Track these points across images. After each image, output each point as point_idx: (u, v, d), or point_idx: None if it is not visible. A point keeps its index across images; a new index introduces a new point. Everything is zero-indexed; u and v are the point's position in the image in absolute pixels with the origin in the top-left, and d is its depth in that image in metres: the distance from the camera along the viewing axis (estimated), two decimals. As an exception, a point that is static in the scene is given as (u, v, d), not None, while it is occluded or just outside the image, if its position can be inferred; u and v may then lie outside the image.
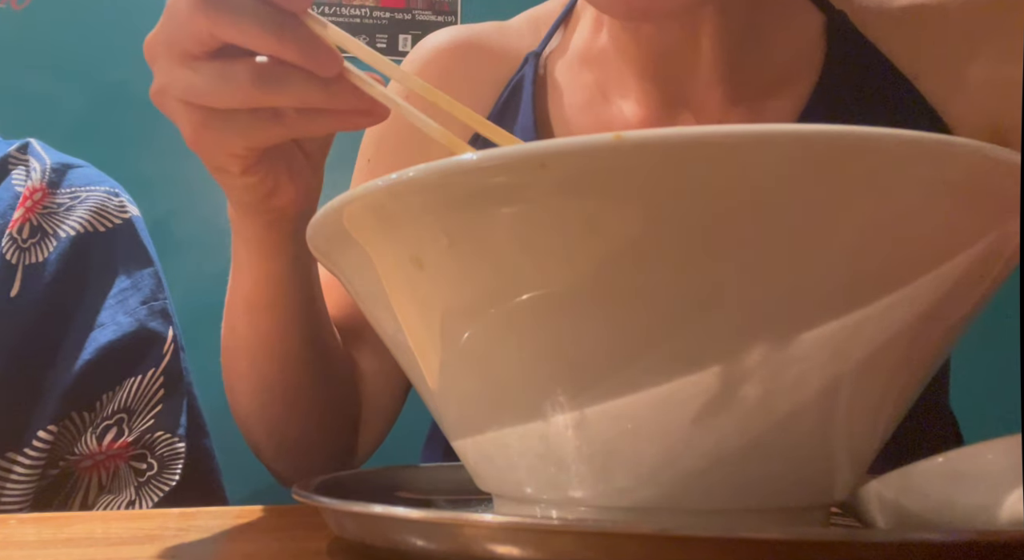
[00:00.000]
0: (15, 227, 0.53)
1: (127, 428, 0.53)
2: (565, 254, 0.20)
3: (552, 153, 0.19)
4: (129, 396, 0.53)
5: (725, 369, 0.20)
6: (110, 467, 0.53)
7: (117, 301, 0.55)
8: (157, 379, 0.54)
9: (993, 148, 0.19)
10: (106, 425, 0.52)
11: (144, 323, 0.55)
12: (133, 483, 0.52)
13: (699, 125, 0.37)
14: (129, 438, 0.52)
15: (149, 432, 0.53)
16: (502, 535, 0.21)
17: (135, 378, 0.53)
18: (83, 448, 0.52)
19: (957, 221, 0.20)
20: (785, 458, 0.22)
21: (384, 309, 0.25)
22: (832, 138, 0.18)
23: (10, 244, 0.52)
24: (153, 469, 0.53)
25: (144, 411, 0.54)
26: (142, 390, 0.54)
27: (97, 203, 0.57)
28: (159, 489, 0.52)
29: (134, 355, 0.54)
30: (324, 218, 0.24)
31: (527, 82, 0.55)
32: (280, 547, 0.29)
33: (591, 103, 0.53)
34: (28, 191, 0.55)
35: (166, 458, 0.53)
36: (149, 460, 0.53)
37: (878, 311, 0.20)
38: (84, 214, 0.56)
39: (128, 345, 0.54)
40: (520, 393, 0.23)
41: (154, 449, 0.53)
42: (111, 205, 0.57)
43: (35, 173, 0.56)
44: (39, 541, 0.30)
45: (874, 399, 0.23)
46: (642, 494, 0.22)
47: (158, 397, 0.54)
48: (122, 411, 0.53)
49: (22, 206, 0.54)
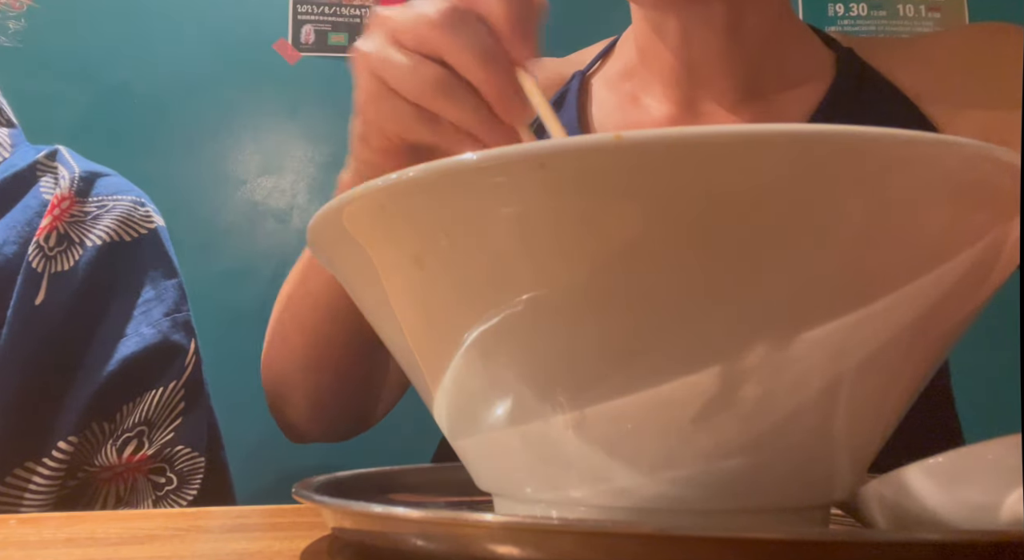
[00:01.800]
0: (42, 235, 0.53)
1: (147, 441, 0.53)
2: (565, 254, 0.20)
3: (552, 153, 0.19)
4: (150, 408, 0.53)
5: (725, 369, 0.20)
6: (128, 480, 0.53)
7: (141, 312, 0.55)
8: (178, 392, 0.54)
9: (993, 148, 0.19)
10: (127, 437, 0.52)
11: (167, 335, 0.55)
12: (151, 497, 0.53)
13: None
14: (149, 451, 0.53)
15: (169, 446, 0.54)
16: (502, 535, 0.20)
17: (156, 390, 0.54)
18: (103, 460, 0.52)
19: (957, 221, 0.20)
20: (785, 458, 0.22)
21: (384, 309, 0.25)
22: (831, 138, 0.18)
23: (36, 252, 0.52)
24: (172, 483, 0.53)
25: (165, 424, 0.54)
26: (163, 402, 0.54)
27: (124, 213, 0.57)
28: (177, 503, 0.53)
29: (156, 367, 0.54)
30: (324, 218, 0.24)
31: (572, 92, 0.64)
32: (280, 547, 0.29)
33: (623, 106, 0.61)
34: (56, 199, 0.55)
35: (185, 473, 0.54)
36: (168, 474, 0.54)
37: (878, 311, 0.20)
38: (111, 223, 0.56)
39: (151, 357, 0.54)
40: (520, 393, 0.23)
41: (173, 463, 0.54)
42: (137, 215, 0.58)
43: (64, 181, 0.56)
44: (39, 541, 0.30)
45: (874, 399, 0.23)
46: (642, 494, 0.22)
47: (179, 410, 0.54)
48: (143, 423, 0.53)
49: (50, 214, 0.54)
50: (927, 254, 0.20)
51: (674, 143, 0.18)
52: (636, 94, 0.61)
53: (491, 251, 0.21)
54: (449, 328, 0.23)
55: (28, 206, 0.55)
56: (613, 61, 0.66)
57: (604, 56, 0.67)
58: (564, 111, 0.62)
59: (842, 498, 0.25)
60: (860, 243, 0.20)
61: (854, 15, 1.51)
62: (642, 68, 0.60)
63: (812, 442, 0.22)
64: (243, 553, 0.28)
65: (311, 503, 0.26)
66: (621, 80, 0.63)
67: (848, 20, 1.51)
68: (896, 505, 0.24)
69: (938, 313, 0.22)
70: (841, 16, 1.51)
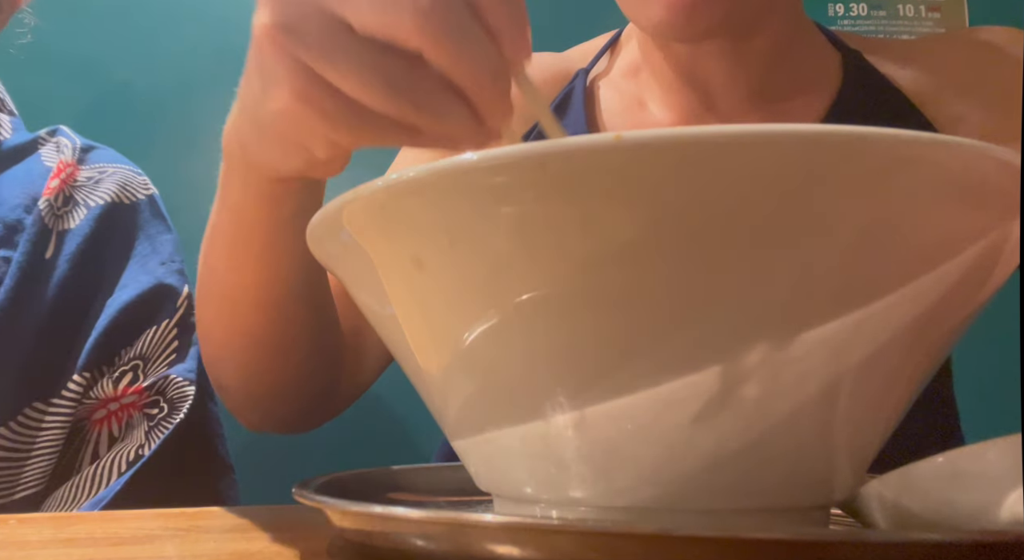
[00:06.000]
0: (52, 194, 0.57)
1: (142, 374, 0.56)
2: (565, 254, 0.20)
3: (552, 153, 0.19)
4: (145, 345, 0.56)
5: (725, 369, 0.20)
6: (123, 417, 0.55)
7: (138, 264, 0.59)
8: (171, 330, 0.57)
9: (993, 148, 0.19)
10: (122, 371, 0.55)
11: (161, 279, 0.58)
12: (144, 427, 0.55)
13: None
14: (144, 383, 0.55)
15: (162, 378, 0.56)
16: (502, 535, 0.20)
17: (151, 329, 0.57)
18: (99, 392, 0.54)
19: (957, 221, 0.20)
20: (785, 458, 0.22)
21: (384, 309, 0.25)
22: (832, 138, 0.18)
23: (47, 210, 0.56)
24: (164, 411, 0.55)
25: (159, 358, 0.57)
26: (157, 339, 0.57)
27: (123, 178, 0.61)
28: (164, 429, 0.54)
29: (151, 308, 0.57)
30: (324, 218, 0.24)
31: (577, 94, 0.61)
32: (280, 547, 0.29)
33: (629, 108, 0.59)
34: (61, 165, 0.59)
35: (175, 400, 0.56)
36: (161, 404, 0.56)
37: (878, 311, 0.20)
38: (112, 187, 0.60)
39: (146, 300, 0.57)
40: (520, 393, 0.23)
41: (166, 393, 0.56)
42: (136, 182, 0.62)
43: (67, 149, 0.61)
44: (39, 541, 0.30)
45: (874, 399, 0.23)
46: (642, 494, 0.22)
47: (173, 347, 0.57)
48: (138, 358, 0.56)
49: (56, 177, 0.58)
50: (927, 254, 0.20)
51: (674, 143, 0.18)
52: (642, 97, 0.60)
53: (491, 251, 0.21)
54: (449, 328, 0.23)
55: (30, 170, 0.59)
56: (617, 58, 0.64)
57: (607, 52, 0.66)
58: (571, 114, 0.60)
59: (842, 498, 0.25)
60: (860, 243, 0.20)
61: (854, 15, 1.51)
62: (645, 69, 0.60)
63: (812, 442, 0.22)
64: (243, 553, 0.28)
65: (311, 503, 0.26)
66: (626, 78, 0.61)
67: (848, 20, 1.51)
68: (896, 505, 0.24)
69: (938, 313, 0.22)
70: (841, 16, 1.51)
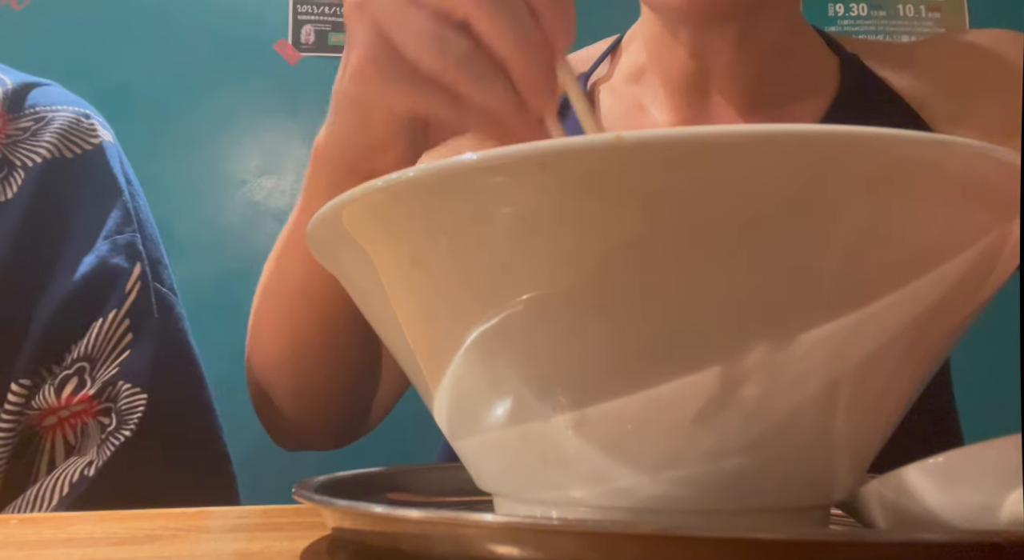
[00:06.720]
0: None
1: (88, 379, 0.46)
2: (565, 254, 0.20)
3: (551, 153, 0.19)
4: (90, 343, 0.47)
5: (725, 369, 0.20)
6: (76, 425, 0.47)
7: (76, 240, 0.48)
8: (122, 322, 0.48)
9: (993, 148, 0.19)
10: (65, 375, 0.46)
11: (106, 259, 0.48)
12: (97, 441, 0.46)
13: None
14: (91, 390, 0.46)
15: (111, 384, 0.47)
16: (502, 535, 0.20)
17: (97, 322, 0.47)
18: (40, 402, 0.46)
19: (957, 221, 0.20)
20: (785, 458, 0.22)
21: (384, 309, 0.25)
22: (832, 138, 0.18)
23: None
24: (113, 423, 0.46)
25: (108, 358, 0.47)
26: (104, 335, 0.47)
27: (65, 125, 0.50)
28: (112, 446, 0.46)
29: (97, 297, 0.48)
30: (324, 218, 0.24)
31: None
32: (280, 547, 0.29)
33: (629, 112, 0.60)
34: None
35: (124, 412, 0.47)
36: (112, 414, 0.47)
37: (878, 311, 0.20)
38: (51, 138, 0.49)
39: (90, 286, 0.48)
40: (520, 393, 0.23)
41: (117, 401, 0.47)
42: (81, 128, 0.50)
43: None
44: (39, 541, 0.30)
45: (874, 399, 0.23)
46: (642, 494, 0.22)
47: (125, 342, 0.48)
48: (83, 359, 0.47)
49: None
50: (927, 254, 0.20)
51: (674, 143, 0.18)
52: (642, 102, 0.60)
53: (491, 251, 0.21)
54: (449, 328, 0.23)
55: None
56: (619, 63, 0.64)
57: (608, 58, 0.66)
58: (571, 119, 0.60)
59: (842, 498, 0.25)
60: (860, 243, 0.20)
61: (854, 15, 1.51)
62: (650, 70, 0.60)
63: (812, 442, 0.22)
64: (243, 553, 0.28)
65: (311, 503, 0.26)
66: (627, 84, 0.61)
67: (848, 20, 1.51)
68: (896, 505, 0.24)
69: (938, 313, 0.22)
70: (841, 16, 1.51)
